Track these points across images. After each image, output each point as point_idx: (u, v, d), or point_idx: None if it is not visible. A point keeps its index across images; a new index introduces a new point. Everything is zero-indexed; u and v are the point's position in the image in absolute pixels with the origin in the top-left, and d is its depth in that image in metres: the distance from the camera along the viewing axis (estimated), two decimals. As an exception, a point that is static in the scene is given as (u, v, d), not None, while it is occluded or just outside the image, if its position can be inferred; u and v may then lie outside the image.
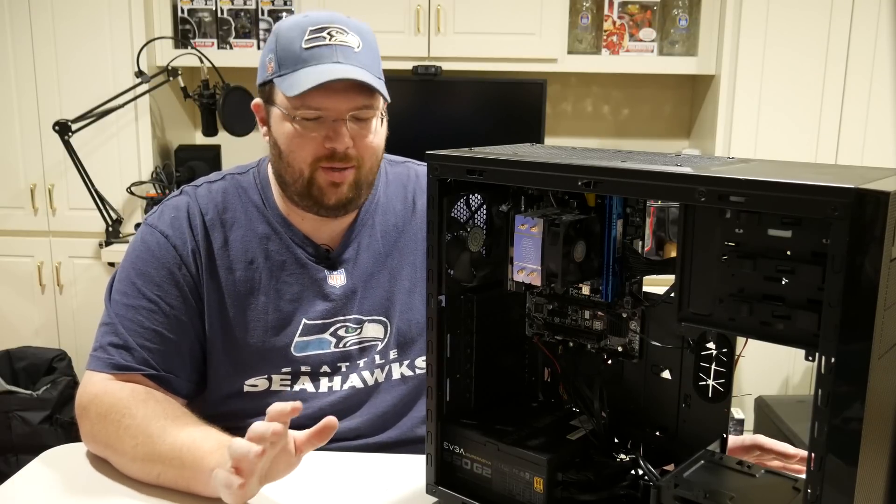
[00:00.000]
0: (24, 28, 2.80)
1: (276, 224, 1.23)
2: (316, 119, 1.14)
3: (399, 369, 1.26)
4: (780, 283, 0.71)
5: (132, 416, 1.07)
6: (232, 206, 1.23)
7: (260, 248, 1.21)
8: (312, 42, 1.13)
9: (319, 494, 1.04)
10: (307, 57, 1.12)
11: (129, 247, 1.23)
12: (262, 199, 1.24)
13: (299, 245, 1.22)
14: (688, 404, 0.94)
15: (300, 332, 1.21)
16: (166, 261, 1.18)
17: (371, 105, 1.16)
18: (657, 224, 0.87)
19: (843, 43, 2.68)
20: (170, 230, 1.19)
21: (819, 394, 0.66)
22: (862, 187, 0.62)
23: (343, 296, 1.23)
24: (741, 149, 2.75)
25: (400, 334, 1.25)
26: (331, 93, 1.12)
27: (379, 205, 1.28)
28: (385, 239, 1.27)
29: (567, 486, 0.90)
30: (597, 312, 0.96)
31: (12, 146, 2.88)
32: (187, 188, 1.25)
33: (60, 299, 2.96)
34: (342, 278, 1.23)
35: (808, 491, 0.68)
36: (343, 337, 1.23)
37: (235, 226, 1.22)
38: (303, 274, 1.22)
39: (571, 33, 2.89)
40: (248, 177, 1.26)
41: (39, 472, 1.11)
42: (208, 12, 2.90)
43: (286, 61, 1.13)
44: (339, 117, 1.13)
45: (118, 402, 1.10)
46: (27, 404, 2.64)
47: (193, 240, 1.19)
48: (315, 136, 1.14)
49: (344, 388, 1.23)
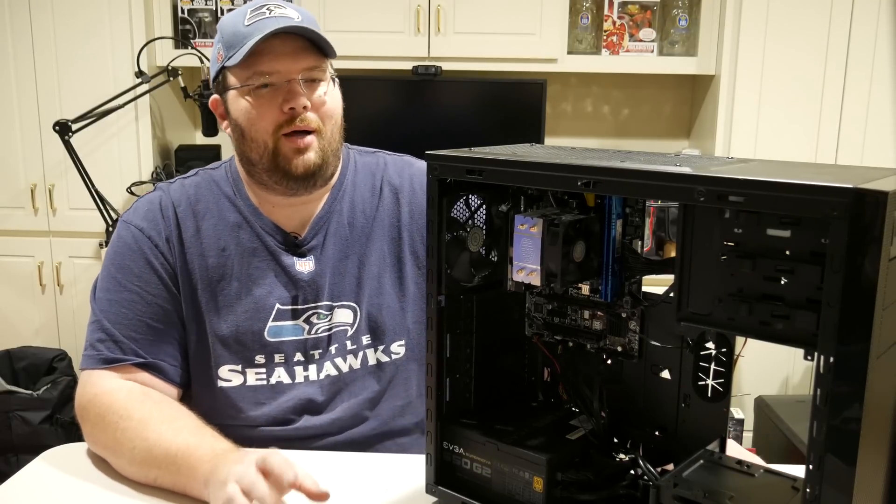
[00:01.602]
0: (24, 28, 2.80)
1: (246, 213, 1.25)
2: (269, 87, 1.16)
3: (375, 355, 1.27)
4: (780, 283, 0.71)
5: (129, 419, 1.08)
6: (204, 198, 1.25)
7: (231, 235, 1.24)
8: (253, 19, 1.17)
9: (319, 494, 1.04)
10: (249, 32, 1.15)
11: (109, 246, 1.26)
12: (234, 190, 1.26)
13: (269, 233, 1.24)
14: (687, 404, 0.94)
15: (273, 317, 1.22)
16: (143, 252, 1.21)
17: (320, 66, 1.19)
18: (657, 224, 0.87)
19: (842, 43, 2.68)
20: (144, 223, 1.22)
21: (818, 393, 0.66)
22: (861, 187, 0.62)
23: (311, 282, 1.24)
24: (741, 149, 2.75)
25: (371, 319, 1.26)
26: (279, 56, 1.16)
27: (346, 193, 1.29)
28: (352, 226, 1.28)
29: (567, 486, 0.90)
30: (596, 312, 0.97)
31: (12, 146, 2.88)
32: (161, 184, 1.29)
33: (60, 299, 2.96)
34: (310, 265, 1.25)
35: (807, 490, 0.68)
36: (315, 324, 1.25)
37: (207, 215, 1.24)
38: (272, 260, 1.24)
39: (571, 33, 2.89)
40: (220, 171, 1.29)
41: (39, 472, 1.11)
42: (208, 12, 2.90)
43: (232, 43, 1.17)
44: (290, 77, 1.16)
45: (115, 404, 1.11)
46: (27, 404, 2.64)
47: (167, 228, 1.22)
48: (272, 104, 1.17)
49: (320, 377, 1.24)
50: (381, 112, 2.96)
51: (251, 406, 1.23)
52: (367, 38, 2.79)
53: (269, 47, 1.15)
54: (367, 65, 2.81)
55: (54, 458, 1.15)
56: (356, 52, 2.76)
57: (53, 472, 1.11)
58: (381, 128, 2.92)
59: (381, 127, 2.93)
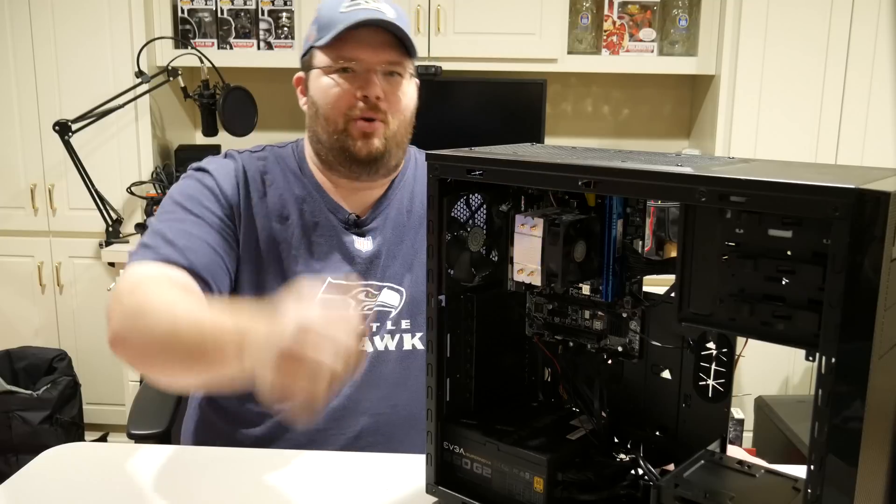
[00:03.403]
0: (24, 28, 2.80)
1: (311, 189, 1.30)
2: (348, 72, 1.23)
3: (411, 340, 1.29)
4: (781, 284, 0.71)
5: (160, 293, 1.05)
6: (272, 170, 1.30)
7: (295, 206, 1.28)
8: (349, 7, 1.23)
9: (320, 494, 1.04)
10: (343, 18, 1.21)
11: (172, 189, 1.27)
12: (300, 167, 1.31)
13: (331, 210, 1.29)
14: (688, 404, 0.94)
15: (324, 290, 1.24)
16: (213, 191, 1.24)
17: (401, 62, 1.25)
18: (657, 224, 0.87)
19: (843, 43, 2.68)
20: (216, 173, 1.26)
21: (819, 394, 0.66)
22: (862, 187, 0.62)
23: (367, 260, 1.28)
24: (741, 149, 2.75)
25: (413, 303, 1.29)
26: (364, 46, 1.22)
27: (407, 183, 1.35)
28: (410, 213, 1.33)
29: (567, 486, 0.90)
30: (597, 312, 0.96)
31: (12, 146, 2.88)
32: (231, 151, 1.32)
33: (60, 299, 2.96)
34: (368, 244, 1.29)
35: (809, 491, 0.68)
36: (362, 301, 1.27)
37: (274, 185, 1.28)
38: (332, 236, 1.28)
39: (571, 33, 2.89)
40: (287, 149, 1.34)
41: (39, 472, 1.11)
42: (208, 12, 2.90)
43: (326, 26, 1.23)
44: (370, 68, 1.23)
45: (150, 279, 1.08)
46: (27, 404, 2.64)
47: (235, 186, 1.25)
48: (349, 89, 1.23)
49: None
50: (381, 112, 2.96)
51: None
52: (368, 37, 2.78)
53: (357, 36, 1.21)
54: (367, 65, 2.81)
55: (54, 458, 1.15)
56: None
57: (53, 472, 1.11)
58: (381, 128, 2.92)
59: (381, 127, 2.92)
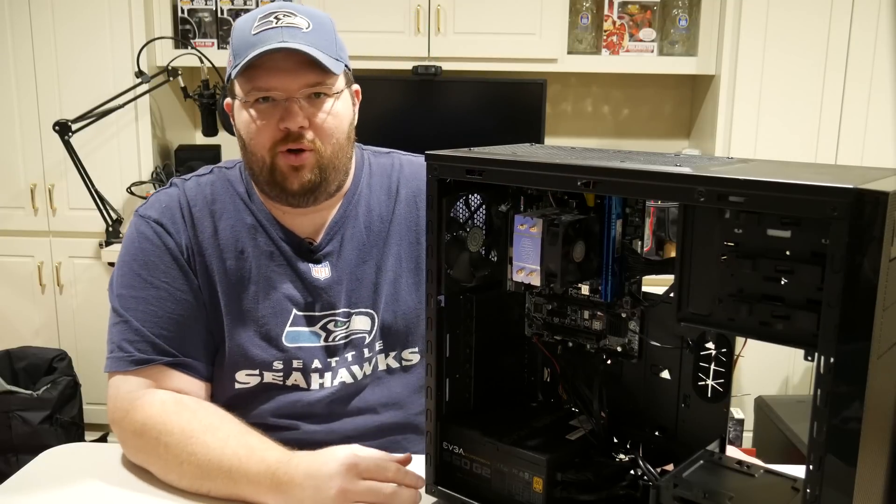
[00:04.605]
0: (24, 28, 2.80)
1: (261, 217, 1.23)
2: (268, 101, 1.14)
3: (385, 360, 1.26)
4: (780, 283, 0.71)
5: (170, 434, 1.07)
6: (220, 198, 1.23)
7: (249, 237, 1.22)
8: (260, 27, 1.14)
9: (319, 494, 1.04)
10: (255, 41, 1.13)
11: (125, 241, 1.23)
12: (248, 192, 1.24)
13: (284, 240, 1.23)
14: (687, 404, 0.94)
15: (291, 322, 1.21)
16: (167, 246, 1.19)
17: (323, 82, 1.15)
18: (657, 224, 0.87)
19: (842, 43, 2.68)
20: (164, 218, 1.20)
21: (818, 394, 0.66)
22: (861, 187, 0.62)
23: (328, 288, 1.22)
24: (741, 149, 2.75)
25: (385, 325, 1.25)
26: (279, 72, 1.13)
27: (362, 196, 1.28)
28: (369, 230, 1.26)
29: (566, 486, 0.90)
30: (596, 312, 0.96)
31: (12, 146, 2.88)
32: (176, 181, 1.26)
33: (60, 299, 2.96)
34: (325, 271, 1.23)
35: (808, 491, 0.68)
36: (332, 331, 1.23)
37: (224, 216, 1.22)
38: (288, 266, 1.22)
39: (571, 33, 2.89)
40: (235, 171, 1.27)
41: (39, 472, 1.11)
42: (208, 12, 2.90)
43: (239, 51, 1.14)
44: (289, 96, 1.14)
45: (151, 419, 1.09)
46: (27, 404, 2.64)
47: (185, 228, 1.20)
48: (270, 120, 1.14)
49: (334, 384, 1.23)
50: (381, 112, 2.95)
51: (263, 403, 1.21)
52: (367, 37, 2.79)
53: (270, 61, 1.12)
54: (366, 65, 2.80)
55: (54, 458, 1.15)
56: (356, 52, 2.72)
57: (53, 472, 1.11)
58: (381, 128, 2.92)
59: (382, 127, 2.92)
